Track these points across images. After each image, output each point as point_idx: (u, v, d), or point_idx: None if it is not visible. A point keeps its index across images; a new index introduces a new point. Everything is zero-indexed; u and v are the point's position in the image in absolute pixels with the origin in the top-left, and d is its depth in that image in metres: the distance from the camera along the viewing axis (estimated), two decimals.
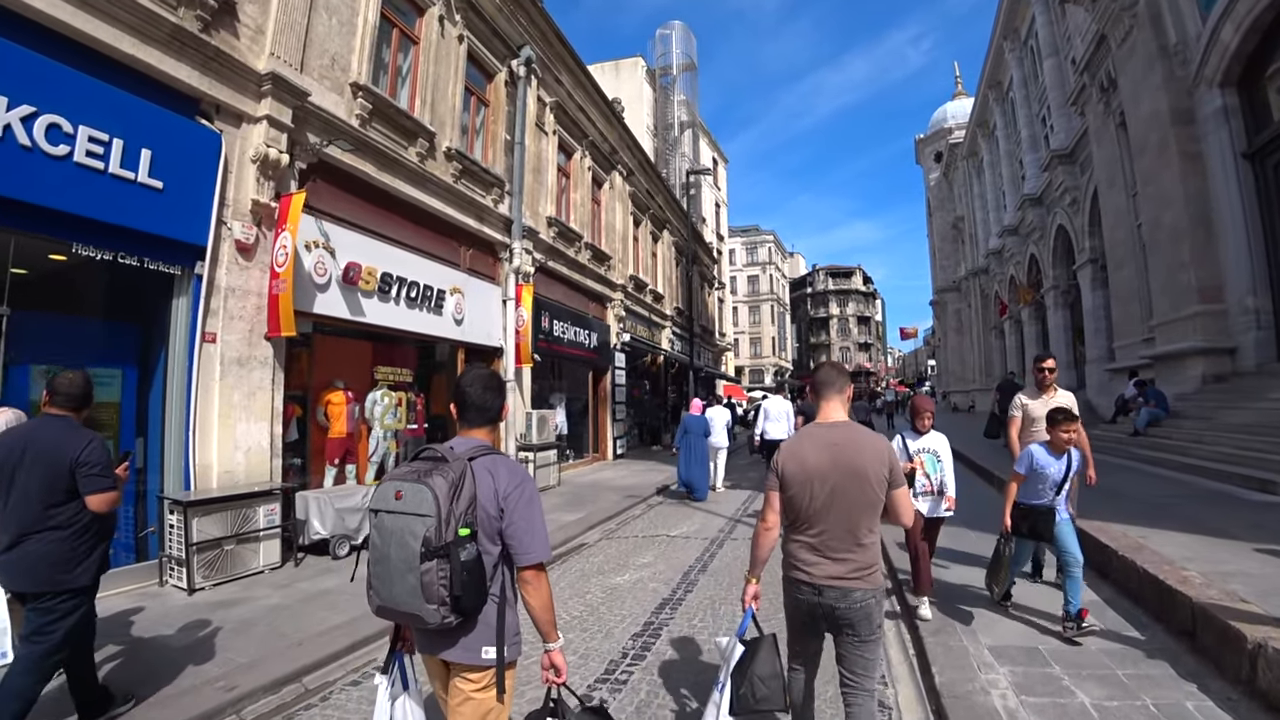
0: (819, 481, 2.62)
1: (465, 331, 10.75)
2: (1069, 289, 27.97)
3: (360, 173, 8.67)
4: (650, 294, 21.09)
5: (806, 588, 2.67)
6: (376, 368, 9.32)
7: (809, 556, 2.67)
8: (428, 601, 1.93)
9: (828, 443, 2.68)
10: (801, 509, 2.68)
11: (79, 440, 3.17)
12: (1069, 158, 24.60)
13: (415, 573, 1.92)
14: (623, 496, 10.81)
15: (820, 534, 2.65)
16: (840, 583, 2.60)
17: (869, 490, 2.60)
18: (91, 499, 3.14)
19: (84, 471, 3.12)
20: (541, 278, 13.48)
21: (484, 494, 2.07)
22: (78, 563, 3.17)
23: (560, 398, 15.05)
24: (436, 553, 1.92)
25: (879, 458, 2.63)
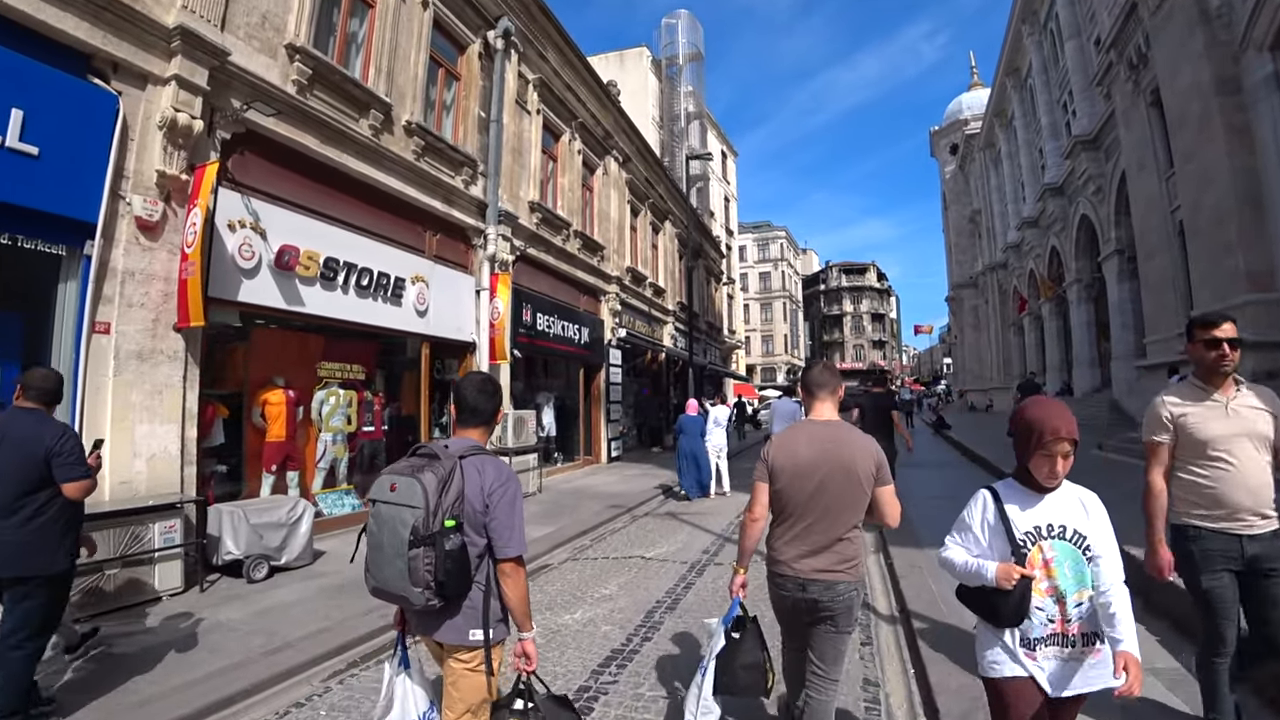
0: (808, 475, 2.67)
1: (430, 324, 9.76)
2: (1093, 282, 26.93)
3: (300, 145, 7.71)
4: (650, 288, 20.04)
5: (791, 583, 2.70)
6: (320, 363, 8.35)
7: (793, 550, 2.71)
8: (414, 585, 2.08)
9: (819, 438, 2.73)
10: (789, 501, 2.72)
11: (54, 431, 3.31)
12: (1093, 143, 23.40)
13: (404, 558, 2.07)
14: (605, 506, 9.77)
15: (806, 527, 2.69)
16: (825, 575, 2.64)
17: (856, 486, 2.66)
18: (68, 487, 3.26)
19: (59, 461, 3.24)
20: (524, 267, 12.48)
21: (471, 490, 2.19)
22: (54, 549, 3.29)
23: (548, 397, 14.05)
24: (423, 541, 2.07)
25: (868, 455, 2.68)
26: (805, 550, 2.68)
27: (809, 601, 2.67)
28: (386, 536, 2.13)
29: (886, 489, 2.72)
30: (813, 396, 2.90)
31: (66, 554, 3.41)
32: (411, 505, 2.09)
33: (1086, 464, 11.69)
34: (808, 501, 2.67)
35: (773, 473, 2.76)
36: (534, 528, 8.27)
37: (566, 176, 14.29)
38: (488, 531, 2.23)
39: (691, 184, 36.44)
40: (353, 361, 8.83)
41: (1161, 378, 15.67)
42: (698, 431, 11.14)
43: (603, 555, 7.26)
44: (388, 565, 2.13)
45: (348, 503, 8.59)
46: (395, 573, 2.11)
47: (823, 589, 2.64)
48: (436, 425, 10.99)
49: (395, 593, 2.16)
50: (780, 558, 2.74)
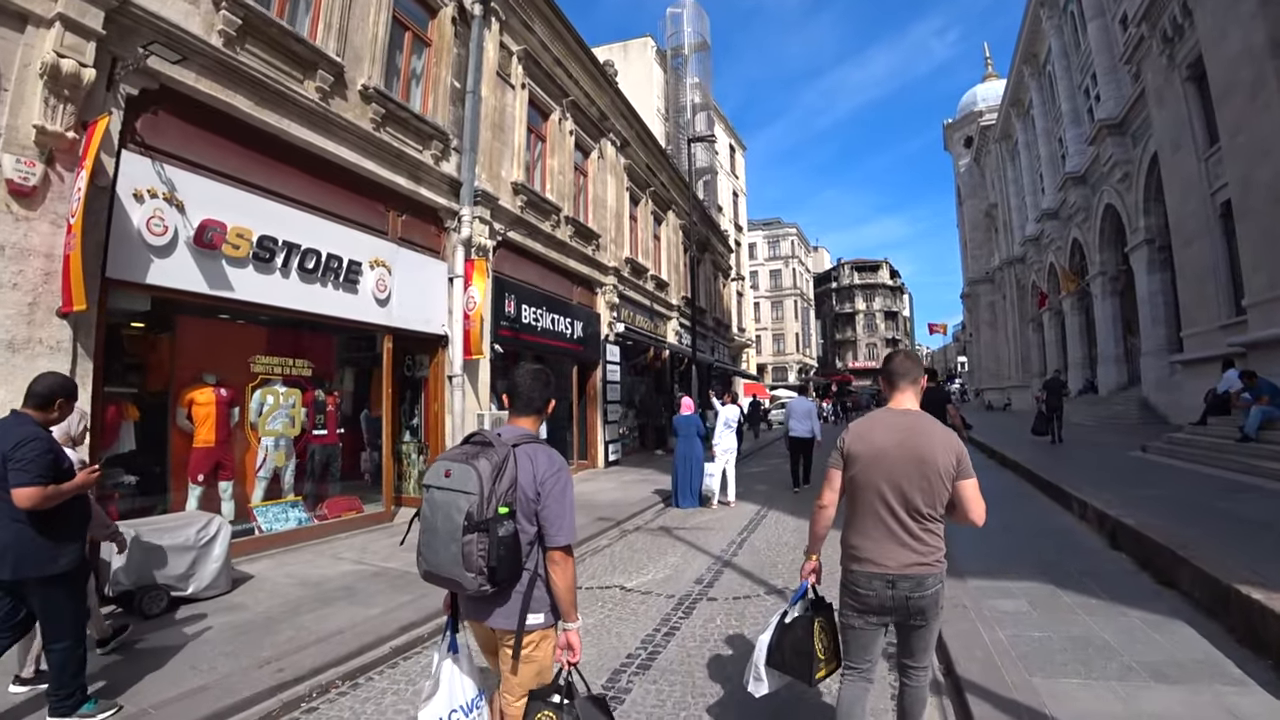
0: (883, 464, 2.58)
1: (393, 314, 8.69)
2: (1118, 275, 25.75)
3: (228, 107, 6.67)
4: (652, 280, 18.92)
5: (878, 580, 2.57)
6: (254, 358, 7.29)
7: (876, 545, 2.60)
8: (467, 570, 2.09)
9: (897, 426, 2.65)
10: (864, 491, 2.63)
11: (15, 436, 3.21)
12: (1119, 128, 22.29)
13: (457, 543, 2.09)
14: (592, 520, 8.65)
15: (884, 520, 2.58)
16: (913, 570, 2.55)
17: (935, 478, 2.55)
18: (15, 493, 3.14)
19: (11, 466, 3.15)
20: (507, 255, 11.41)
21: (524, 478, 2.21)
22: (44, 552, 3.23)
23: None
24: (477, 527, 2.08)
25: (948, 447, 2.57)
26: (888, 544, 2.58)
27: (898, 599, 2.56)
28: (440, 521, 2.15)
29: (969, 483, 2.59)
30: (893, 385, 2.79)
31: (64, 557, 3.34)
32: (466, 491, 2.10)
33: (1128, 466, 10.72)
34: (885, 492, 2.57)
35: (847, 460, 2.67)
36: None
37: (556, 158, 13.20)
38: (538, 519, 2.24)
39: (698, 176, 35.41)
40: (299, 356, 7.78)
41: (1203, 373, 14.49)
42: (693, 432, 10.06)
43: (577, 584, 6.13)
44: (442, 549, 2.14)
45: (293, 516, 7.53)
46: (449, 557, 2.12)
47: (912, 585, 2.54)
48: (407, 428, 9.94)
49: (448, 577, 2.17)
50: (862, 554, 2.63)
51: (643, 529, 8.57)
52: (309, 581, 5.96)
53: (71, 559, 3.39)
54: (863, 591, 2.61)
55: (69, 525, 3.42)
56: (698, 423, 10.16)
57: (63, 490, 3.30)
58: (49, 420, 3.48)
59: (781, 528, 8.23)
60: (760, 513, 9.27)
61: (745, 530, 8.14)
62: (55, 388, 3.48)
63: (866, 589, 2.60)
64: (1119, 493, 7.62)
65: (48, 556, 3.27)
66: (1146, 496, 7.50)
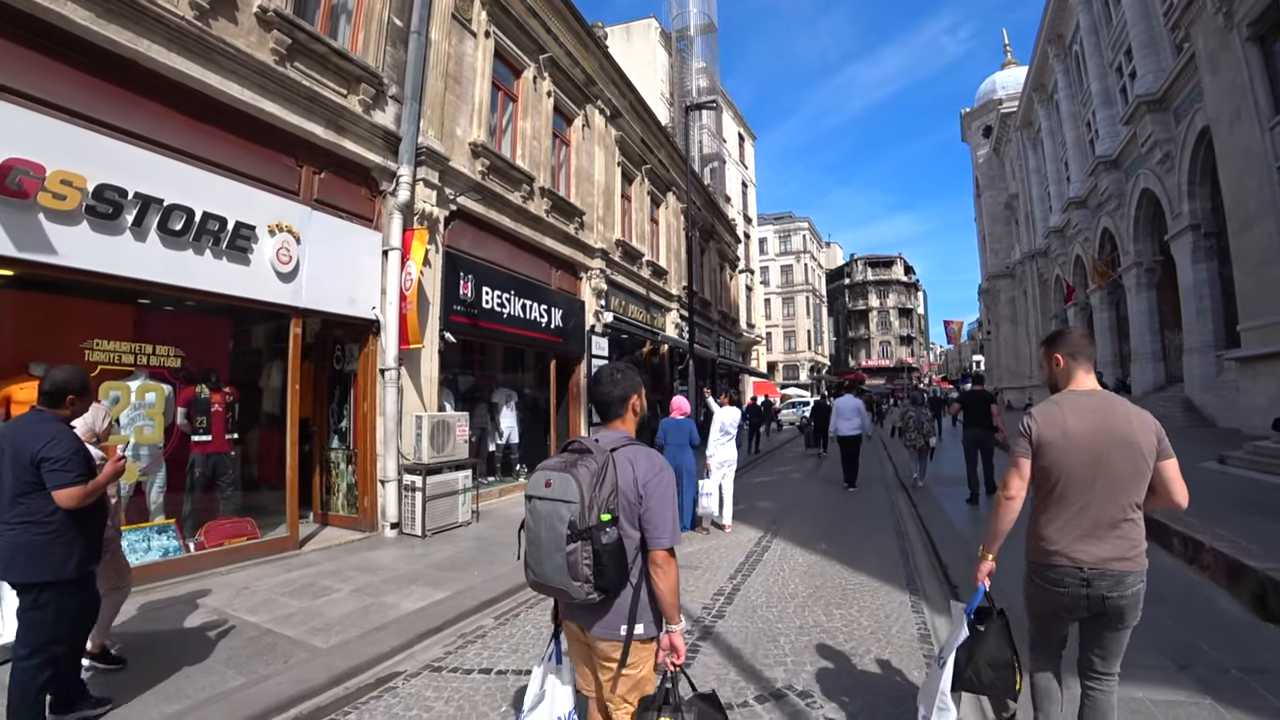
0: (1082, 448, 2.43)
1: (302, 292, 6.99)
2: (1154, 266, 23.91)
3: (55, 17, 5.01)
4: (648, 267, 17.10)
5: (1072, 577, 2.43)
6: (90, 342, 5.61)
7: (1070, 536, 2.45)
8: (573, 579, 2.07)
9: (1088, 408, 2.49)
10: (1060, 479, 2.47)
11: (43, 434, 3.10)
12: (1159, 104, 20.53)
13: (562, 552, 2.06)
14: None
15: (1082, 509, 2.44)
16: (1113, 565, 2.39)
17: (1140, 459, 2.40)
18: (58, 495, 3.06)
19: (47, 467, 3.05)
20: (465, 228, 9.70)
21: (624, 482, 2.16)
22: (56, 555, 3.11)
23: (508, 395, 11.25)
24: (581, 535, 2.05)
25: (1146, 425, 2.43)
26: (1086, 536, 2.42)
27: (1094, 597, 2.41)
28: (544, 531, 2.12)
29: (1171, 463, 2.43)
30: (1075, 363, 2.61)
31: (72, 561, 3.17)
32: (567, 500, 2.08)
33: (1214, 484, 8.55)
34: (1083, 478, 2.41)
35: (1038, 447, 2.50)
36: (415, 593, 5.48)
37: (530, 121, 11.45)
38: (641, 523, 2.18)
39: (704, 163, 33.69)
40: (166, 342, 6.11)
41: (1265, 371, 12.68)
42: (685, 440, 8.28)
43: (488, 664, 4.26)
44: (547, 560, 2.11)
45: (158, 545, 5.85)
46: (554, 567, 2.09)
47: (1111, 583, 2.39)
48: (335, 432, 8.27)
49: (555, 586, 2.14)
50: (1054, 546, 2.47)
51: None
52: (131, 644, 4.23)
53: (80, 564, 3.24)
54: (1055, 588, 2.47)
55: (85, 526, 3.28)
56: (691, 429, 8.30)
57: (98, 484, 3.25)
58: (64, 417, 3.33)
59: (789, 568, 6.38)
60: (762, 542, 7.49)
61: (739, 572, 6.28)
62: (62, 383, 3.33)
63: (1057, 584, 2.47)
64: (1235, 525, 5.81)
65: (58, 560, 3.13)
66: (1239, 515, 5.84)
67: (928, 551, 6.97)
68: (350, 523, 7.92)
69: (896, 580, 5.84)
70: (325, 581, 5.82)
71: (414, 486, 7.63)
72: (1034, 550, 2.56)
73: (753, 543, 7.46)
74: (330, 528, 7.97)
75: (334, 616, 4.91)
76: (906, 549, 7.11)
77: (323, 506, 8.27)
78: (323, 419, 8.39)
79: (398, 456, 7.79)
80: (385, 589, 5.56)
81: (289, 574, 6.03)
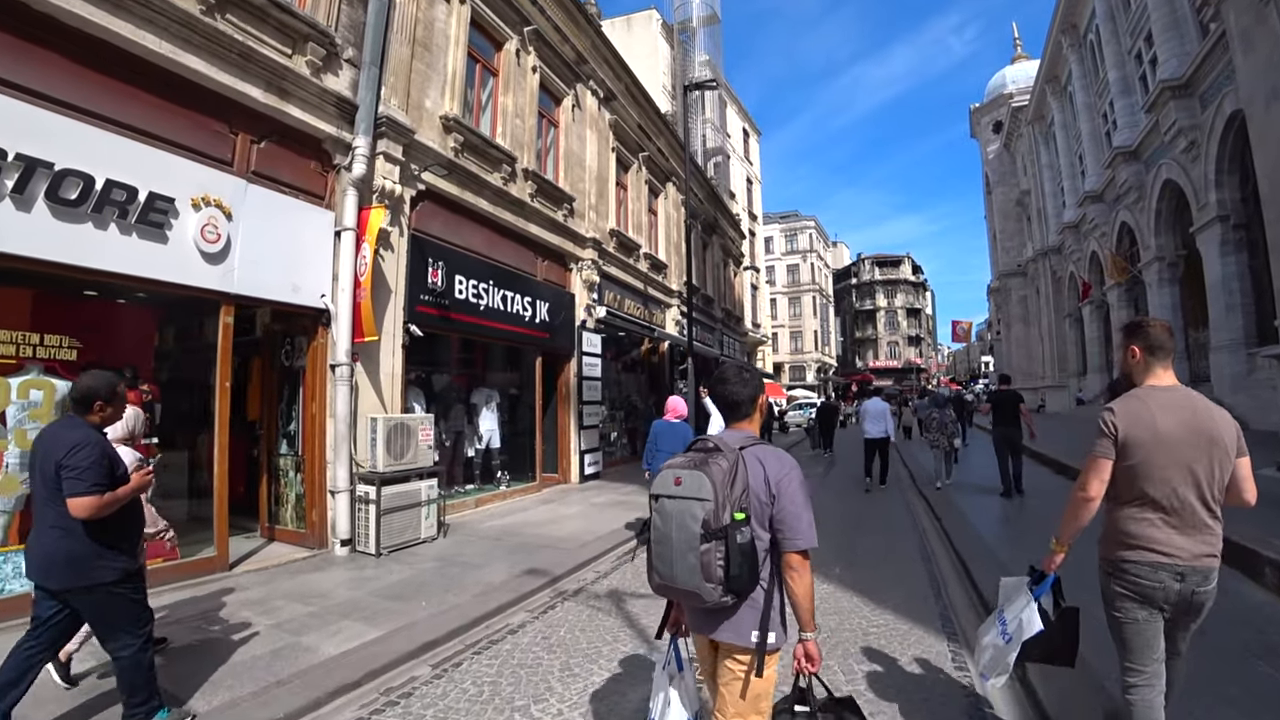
0: (1174, 446, 2.38)
1: (234, 276, 6.06)
2: (1177, 260, 22.95)
3: None
4: (645, 260, 16.11)
5: (1166, 572, 2.39)
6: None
7: (1164, 535, 2.41)
8: (706, 580, 2.00)
9: (1174, 405, 2.44)
10: (1149, 477, 2.41)
11: (67, 442, 3.04)
12: (1184, 88, 19.50)
13: (695, 553, 2.00)
14: (517, 574, 5.96)
15: (1173, 507, 2.40)
16: (1203, 562, 2.38)
17: (1225, 457, 2.39)
18: (70, 503, 2.97)
19: (65, 475, 2.98)
20: (436, 210, 8.78)
21: (755, 481, 2.12)
22: (92, 563, 3.06)
23: (488, 395, 10.31)
24: (714, 535, 2.00)
25: (1228, 422, 2.42)
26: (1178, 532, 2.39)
27: (1184, 594, 2.38)
28: (675, 531, 2.05)
29: (1245, 460, 2.43)
30: (1154, 359, 2.56)
31: (111, 566, 3.11)
32: (701, 498, 2.02)
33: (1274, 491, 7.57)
34: (1174, 476, 2.37)
35: (1125, 446, 2.43)
36: (344, 631, 4.54)
37: (512, 97, 10.51)
38: (773, 524, 2.13)
39: (708, 157, 32.77)
40: (65, 331, 5.18)
41: None
42: (679, 447, 7.28)
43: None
44: (678, 560, 2.04)
45: None
46: (686, 568, 2.02)
47: (1200, 579, 2.38)
48: (283, 436, 7.34)
49: (686, 589, 2.06)
50: (1145, 544, 2.42)
51: (586, 592, 5.79)
52: None
53: (123, 567, 3.17)
54: (1146, 583, 2.42)
55: (121, 532, 3.20)
56: (687, 434, 7.24)
57: (118, 496, 3.11)
58: (94, 423, 3.22)
59: None
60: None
61: None
62: (91, 389, 3.25)
63: (1152, 580, 2.41)
64: None
65: (98, 565, 3.06)
66: None
67: (959, 575, 6.00)
68: (298, 539, 6.98)
69: (929, 620, 4.86)
70: (244, 614, 4.89)
71: (368, 498, 6.69)
72: (1118, 548, 2.50)
73: None
74: (277, 544, 7.04)
75: (234, 663, 3.97)
76: (935, 574, 6.15)
77: (270, 519, 7.35)
78: (272, 421, 7.47)
79: (350, 464, 6.85)
80: (310, 625, 4.62)
81: (204, 604, 5.10)
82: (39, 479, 3.08)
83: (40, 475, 3.07)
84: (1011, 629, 2.76)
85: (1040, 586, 2.74)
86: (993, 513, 8.74)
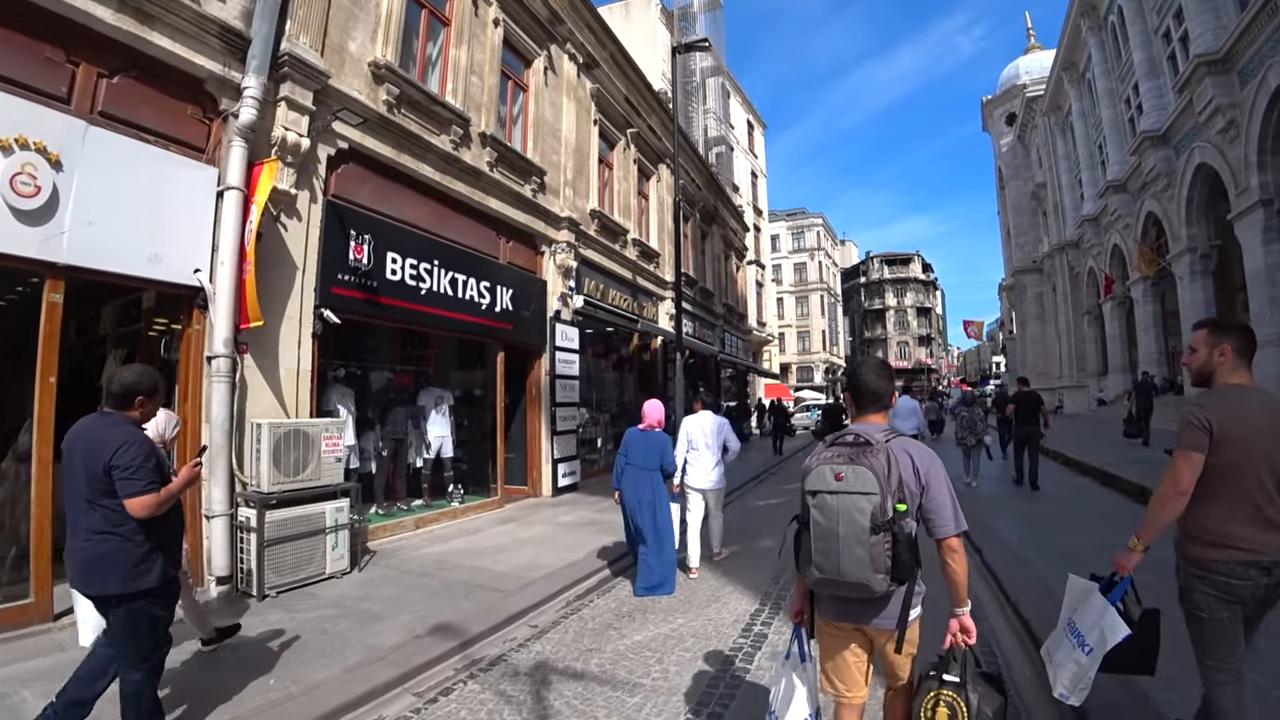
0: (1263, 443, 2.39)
1: (61, 241, 4.65)
2: (1210, 251, 21.54)
3: None
4: (634, 247, 14.60)
5: (1255, 568, 2.38)
6: None
7: (1252, 532, 2.40)
8: (875, 571, 2.07)
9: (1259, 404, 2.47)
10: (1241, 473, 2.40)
11: (114, 440, 2.88)
12: (1221, 63, 18.16)
13: (864, 546, 2.06)
14: (423, 635, 4.47)
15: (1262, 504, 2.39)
16: None
17: None
18: (129, 504, 2.84)
19: (118, 475, 2.84)
20: (364, 175, 7.39)
21: (906, 473, 2.18)
22: (132, 565, 2.91)
23: (439, 397, 8.86)
24: (882, 527, 2.06)
25: None
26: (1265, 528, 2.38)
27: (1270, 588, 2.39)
28: (842, 526, 2.09)
29: None
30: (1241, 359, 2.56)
31: (154, 570, 2.97)
32: (866, 492, 2.08)
33: None
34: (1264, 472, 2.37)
35: (1220, 441, 2.40)
36: None
37: (466, 50, 9.04)
38: (922, 512, 2.21)
39: (709, 146, 31.36)
40: None
41: None
42: (654, 461, 5.97)
43: None
44: (846, 553, 2.09)
45: None
46: (854, 560, 2.08)
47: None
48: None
49: (854, 580, 2.11)
50: (1232, 541, 2.41)
51: (506, 664, 4.23)
52: None
53: (163, 571, 3.03)
54: (1236, 581, 2.42)
55: (169, 532, 3.11)
56: (664, 446, 6.08)
57: (172, 492, 3.03)
58: (134, 419, 3.08)
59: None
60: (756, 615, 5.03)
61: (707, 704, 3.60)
62: (133, 384, 3.07)
63: (1241, 578, 2.41)
64: None
65: (143, 569, 2.93)
66: None
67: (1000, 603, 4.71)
68: None
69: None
70: (22, 693, 3.50)
71: (249, 525, 5.29)
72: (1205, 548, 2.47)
73: (739, 624, 4.87)
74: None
75: None
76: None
77: None
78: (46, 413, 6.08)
79: (230, 481, 5.44)
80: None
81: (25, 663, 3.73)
82: (82, 481, 2.89)
83: (84, 477, 2.87)
84: (1092, 639, 2.64)
85: (1116, 590, 2.66)
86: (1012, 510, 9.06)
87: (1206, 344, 2.60)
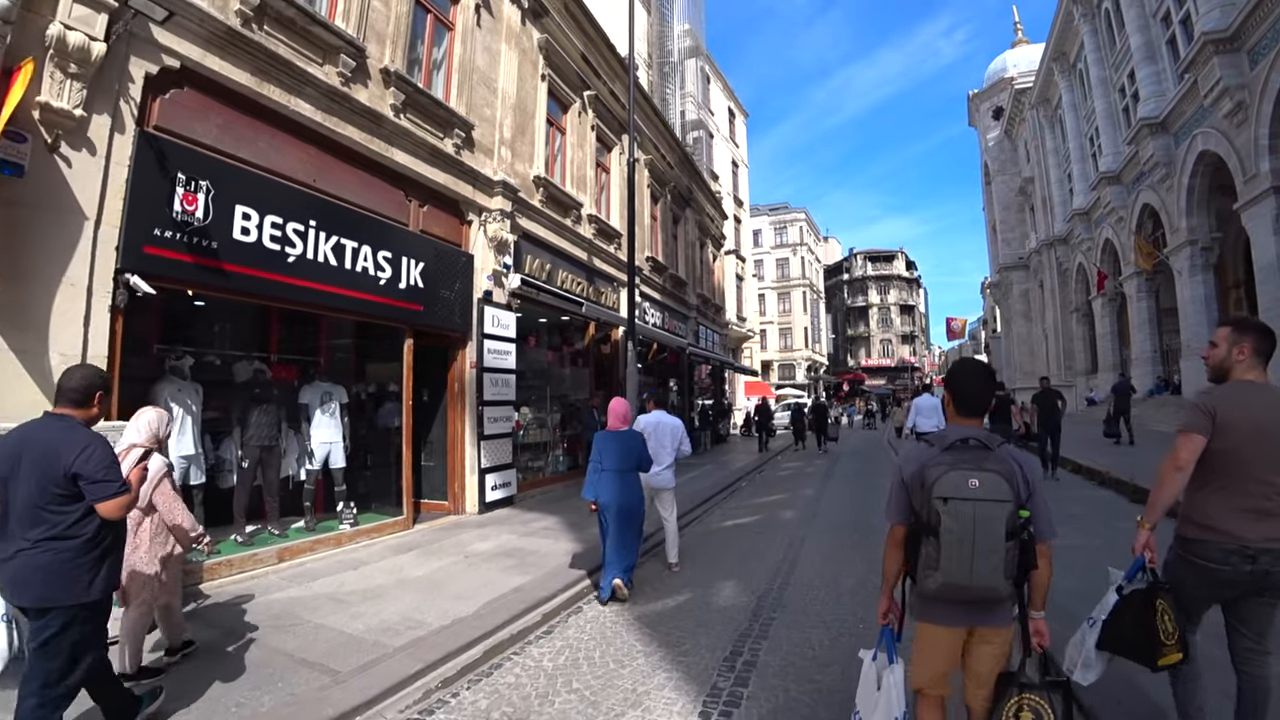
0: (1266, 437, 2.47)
1: None
2: (1212, 243, 20.45)
3: None
4: (590, 224, 12.78)
5: (1237, 555, 2.47)
6: None
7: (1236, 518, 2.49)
8: (1005, 577, 2.08)
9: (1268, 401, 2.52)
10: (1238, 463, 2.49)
11: (75, 445, 2.75)
12: (1229, 43, 16.78)
13: (999, 553, 2.05)
14: None
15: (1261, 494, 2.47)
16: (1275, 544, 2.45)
17: None
18: (102, 507, 2.76)
19: (87, 480, 2.73)
20: (204, 103, 5.67)
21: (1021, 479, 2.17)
22: (80, 576, 2.78)
23: (327, 393, 7.14)
24: (1013, 534, 2.07)
25: None
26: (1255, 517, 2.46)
27: (1256, 574, 2.47)
28: (980, 533, 2.06)
29: None
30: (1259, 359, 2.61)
31: (100, 582, 2.85)
32: (1001, 499, 2.07)
33: None
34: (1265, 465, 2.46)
35: (1222, 428, 2.50)
36: None
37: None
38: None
39: (686, 130, 29.82)
40: None
41: None
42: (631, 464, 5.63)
43: None
44: (981, 561, 2.06)
45: None
46: (989, 567, 2.06)
47: (1273, 559, 2.45)
48: None
49: (985, 586, 2.10)
50: (1221, 525, 2.51)
51: None
52: None
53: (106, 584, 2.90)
54: (1214, 565, 2.52)
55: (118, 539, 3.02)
56: (640, 447, 5.72)
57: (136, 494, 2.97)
58: (90, 418, 2.98)
59: None
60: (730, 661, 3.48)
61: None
62: (92, 380, 3.00)
63: (1220, 563, 2.50)
64: None
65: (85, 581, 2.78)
66: None
67: None
68: None
69: None
70: None
71: None
72: (1193, 529, 2.57)
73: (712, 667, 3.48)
74: None
75: None
76: None
77: None
78: None
79: None
80: None
81: None
82: (33, 487, 2.69)
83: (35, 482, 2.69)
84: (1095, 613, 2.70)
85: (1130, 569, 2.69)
86: None
87: (1227, 341, 2.65)
